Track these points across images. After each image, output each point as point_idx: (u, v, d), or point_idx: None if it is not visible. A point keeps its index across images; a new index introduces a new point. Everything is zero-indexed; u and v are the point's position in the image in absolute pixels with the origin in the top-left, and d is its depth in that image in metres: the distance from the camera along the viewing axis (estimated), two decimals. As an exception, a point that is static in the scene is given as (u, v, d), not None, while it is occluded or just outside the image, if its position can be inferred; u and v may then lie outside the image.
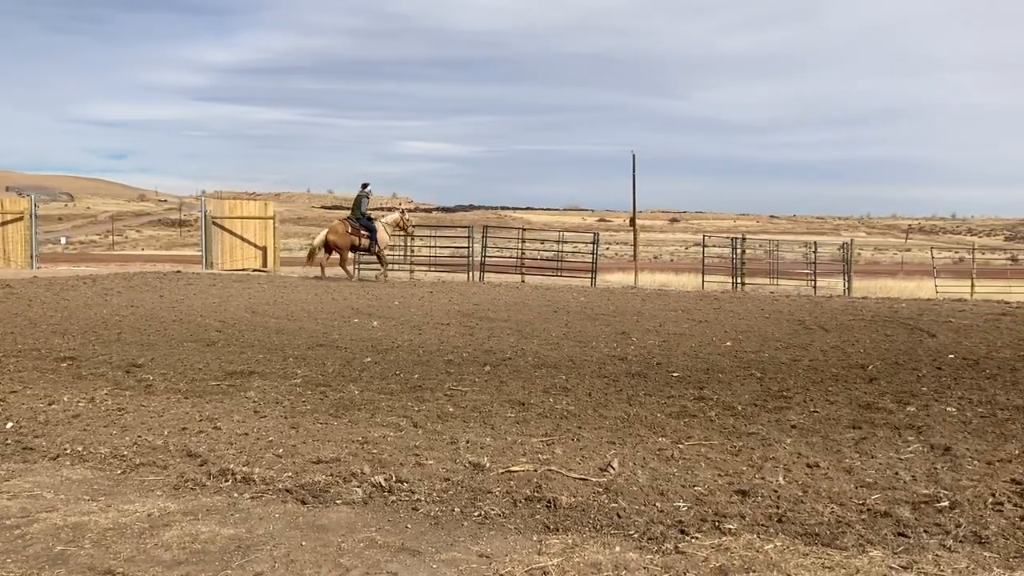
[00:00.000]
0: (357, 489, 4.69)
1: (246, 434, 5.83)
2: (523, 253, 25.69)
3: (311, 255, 22.17)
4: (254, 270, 25.72)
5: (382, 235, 21.52)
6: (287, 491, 4.68)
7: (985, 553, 3.89)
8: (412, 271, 24.39)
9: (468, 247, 24.94)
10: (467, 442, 5.66)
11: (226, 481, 4.84)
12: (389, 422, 6.22)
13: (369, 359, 9.00)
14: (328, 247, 21.31)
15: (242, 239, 27.00)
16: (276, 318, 12.64)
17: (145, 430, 5.93)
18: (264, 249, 27.50)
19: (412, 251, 26.35)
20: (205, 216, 26.52)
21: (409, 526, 4.22)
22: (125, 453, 5.37)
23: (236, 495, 4.63)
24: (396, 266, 25.33)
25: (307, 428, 6.01)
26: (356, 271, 22.76)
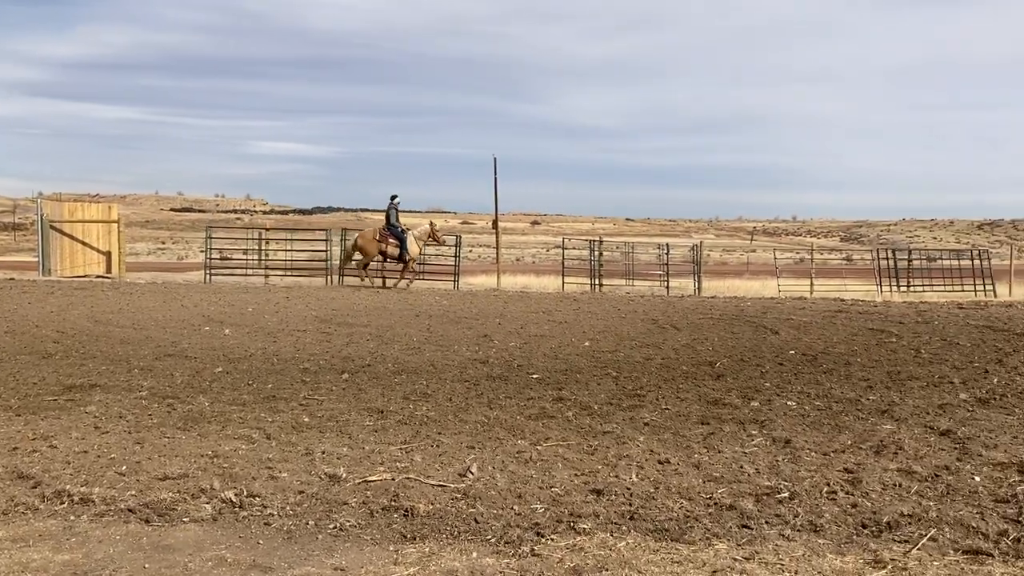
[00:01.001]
0: (206, 505, 4.52)
1: (85, 452, 5.51)
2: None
3: (348, 258, 22.66)
4: (98, 277, 24.37)
5: (412, 247, 22.23)
6: (130, 511, 4.45)
7: (820, 540, 4.12)
8: (267, 276, 23.66)
9: (326, 250, 24.42)
10: (323, 453, 5.55)
11: (62, 503, 4.56)
12: (241, 434, 6.02)
13: (220, 369, 8.69)
14: (358, 249, 22.09)
15: (84, 244, 25.52)
16: (121, 327, 12.02)
17: (-30, 452, 5.50)
18: (108, 254, 26.10)
19: (267, 255, 25.61)
20: (42, 219, 24.89)
21: (261, 542, 4.09)
22: (-54, 478, 4.97)
23: (73, 518, 4.37)
24: (249, 271, 24.56)
25: (153, 443, 5.74)
26: (378, 278, 22.52)
